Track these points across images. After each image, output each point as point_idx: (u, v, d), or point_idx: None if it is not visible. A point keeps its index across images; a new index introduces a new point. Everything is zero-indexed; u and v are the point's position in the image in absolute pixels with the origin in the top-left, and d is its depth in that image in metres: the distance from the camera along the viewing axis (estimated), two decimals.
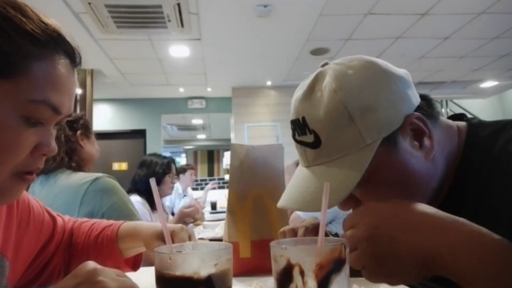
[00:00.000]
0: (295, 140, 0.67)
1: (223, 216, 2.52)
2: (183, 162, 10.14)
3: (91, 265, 0.48)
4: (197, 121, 8.21)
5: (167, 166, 2.57)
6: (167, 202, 4.14)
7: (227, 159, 6.11)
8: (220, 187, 5.88)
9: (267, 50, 4.49)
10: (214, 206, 3.99)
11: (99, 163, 1.71)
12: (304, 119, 0.64)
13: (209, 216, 3.42)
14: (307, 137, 0.64)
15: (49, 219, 0.83)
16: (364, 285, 0.70)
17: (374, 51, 4.45)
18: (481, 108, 7.12)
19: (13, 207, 0.72)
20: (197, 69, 5.06)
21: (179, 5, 3.26)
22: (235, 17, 3.62)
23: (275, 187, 1.03)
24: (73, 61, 0.59)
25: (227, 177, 4.35)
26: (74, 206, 1.35)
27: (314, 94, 0.64)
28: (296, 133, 0.67)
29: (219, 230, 2.17)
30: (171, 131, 9.18)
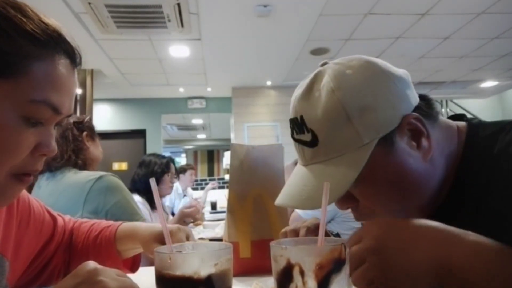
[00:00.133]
0: (293, 138, 0.67)
1: (223, 216, 2.52)
2: (183, 162, 10.14)
3: (92, 265, 0.48)
4: (197, 121, 8.21)
5: (166, 165, 2.58)
6: (167, 202, 4.14)
7: (227, 159, 6.11)
8: (220, 187, 5.89)
9: (267, 50, 4.49)
10: (214, 206, 3.99)
11: (99, 163, 1.73)
12: (302, 118, 0.64)
13: (209, 216, 3.43)
14: (305, 135, 0.64)
15: (49, 219, 0.83)
16: None
17: (374, 51, 4.45)
18: (481, 108, 7.11)
19: (13, 206, 0.72)
20: (197, 69, 5.06)
21: (179, 5, 3.26)
22: (235, 17, 3.62)
23: (275, 187, 1.03)
24: (73, 61, 0.59)
25: (227, 177, 4.35)
26: (78, 203, 1.38)
27: (312, 93, 0.64)
28: (294, 131, 0.67)
29: (219, 230, 2.18)
30: (171, 131, 9.17)
